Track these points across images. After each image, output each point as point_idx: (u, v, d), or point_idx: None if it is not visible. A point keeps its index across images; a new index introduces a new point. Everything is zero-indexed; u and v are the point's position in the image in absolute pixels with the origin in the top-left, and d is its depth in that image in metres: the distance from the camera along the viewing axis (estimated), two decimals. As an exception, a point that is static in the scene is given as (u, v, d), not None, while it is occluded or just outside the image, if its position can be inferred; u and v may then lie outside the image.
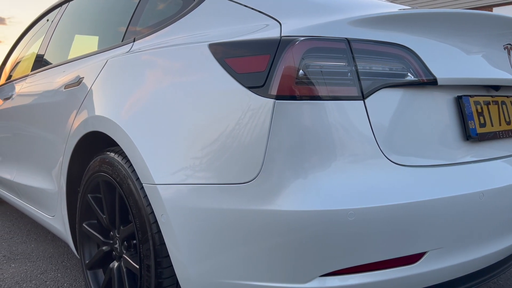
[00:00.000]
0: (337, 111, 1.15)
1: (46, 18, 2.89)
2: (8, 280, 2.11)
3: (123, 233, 1.56)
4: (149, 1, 1.89)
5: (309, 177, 1.13)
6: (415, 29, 1.30)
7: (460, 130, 1.33)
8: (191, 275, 1.27)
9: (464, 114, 1.34)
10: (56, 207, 2.00)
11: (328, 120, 1.14)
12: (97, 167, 1.62)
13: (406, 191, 1.16)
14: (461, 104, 1.34)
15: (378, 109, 1.19)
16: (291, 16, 1.30)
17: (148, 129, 1.39)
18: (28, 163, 2.36)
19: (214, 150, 1.23)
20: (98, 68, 1.78)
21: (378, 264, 1.15)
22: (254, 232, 1.16)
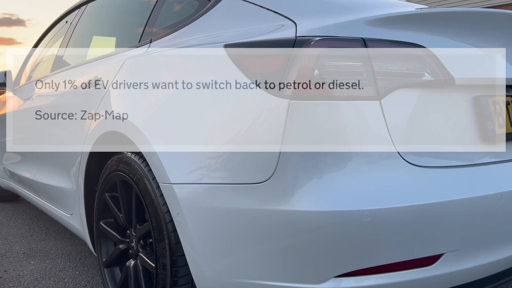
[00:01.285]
0: (352, 111, 1.15)
1: (65, 20, 2.94)
2: (28, 277, 2.16)
3: (140, 232, 1.58)
4: (166, 3, 1.91)
5: (324, 178, 1.13)
6: (432, 28, 1.29)
7: (478, 131, 1.31)
8: (206, 274, 1.28)
9: (483, 115, 1.32)
10: (74, 205, 2.04)
11: (343, 120, 1.14)
12: (114, 167, 1.65)
13: (423, 192, 1.15)
14: (479, 105, 1.32)
15: (394, 109, 1.18)
16: (306, 16, 1.29)
17: (165, 129, 1.40)
18: (47, 162, 2.40)
19: (229, 150, 1.23)
20: (116, 69, 1.80)
21: (394, 265, 1.14)
22: (269, 232, 1.16)
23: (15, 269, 2.26)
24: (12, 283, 2.09)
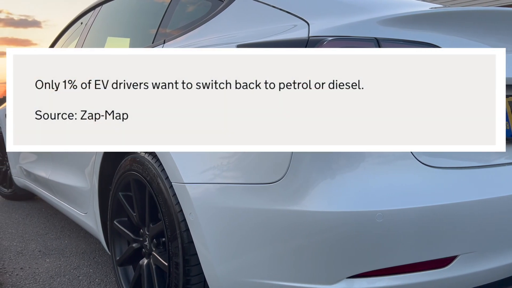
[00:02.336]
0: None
1: (80, 21, 2.98)
2: (43, 274, 2.19)
3: (153, 231, 1.59)
4: (179, 4, 1.92)
5: (337, 178, 1.12)
6: (447, 27, 1.27)
7: (494, 131, 1.29)
8: (218, 273, 1.29)
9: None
10: (89, 204, 2.06)
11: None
12: (128, 166, 1.66)
13: (437, 193, 1.14)
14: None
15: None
16: (319, 16, 1.29)
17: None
18: (62, 162, 2.44)
19: (241, 150, 1.23)
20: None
21: (407, 267, 1.13)
22: (281, 232, 1.16)
23: (31, 266, 2.30)
24: (28, 280, 2.12)
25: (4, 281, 2.11)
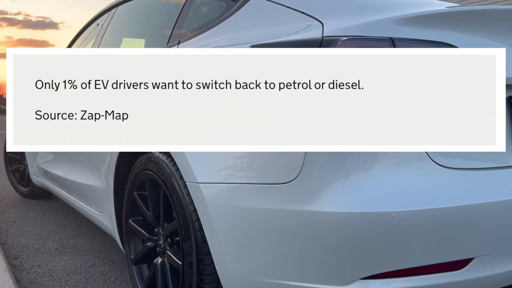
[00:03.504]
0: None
1: (96, 23, 3.02)
2: (60, 272, 2.23)
3: (167, 230, 1.60)
4: (193, 5, 1.94)
5: (351, 178, 1.12)
6: (463, 27, 1.26)
7: (510, 132, 1.27)
8: (231, 272, 1.29)
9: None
10: (104, 203, 2.09)
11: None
12: (143, 166, 1.68)
13: (452, 194, 1.13)
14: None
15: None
16: (333, 16, 1.29)
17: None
18: (79, 161, 2.47)
19: (255, 150, 1.24)
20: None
21: (422, 268, 1.12)
22: (294, 232, 1.16)
23: (48, 264, 2.33)
24: (45, 278, 2.16)
25: (22, 278, 2.15)
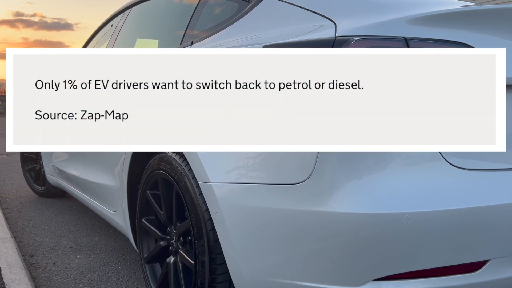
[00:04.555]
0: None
1: (110, 24, 3.05)
2: (74, 270, 2.26)
3: (180, 229, 1.61)
4: (206, 6, 1.94)
5: (363, 179, 1.11)
6: (478, 26, 1.24)
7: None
8: (243, 272, 1.30)
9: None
10: (118, 202, 2.11)
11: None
12: (156, 165, 1.69)
13: (467, 195, 1.11)
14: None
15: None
16: (346, 16, 1.28)
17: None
18: (93, 161, 2.50)
19: (266, 150, 1.24)
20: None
21: (436, 270, 1.11)
22: (306, 232, 1.16)
23: (63, 262, 2.37)
24: (60, 276, 2.19)
25: (37, 275, 2.19)
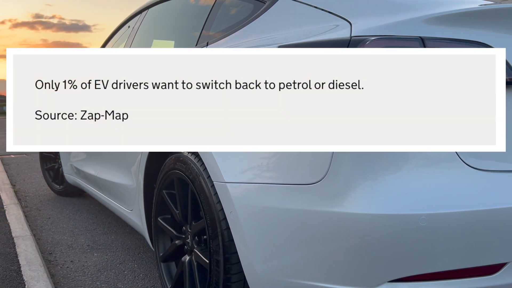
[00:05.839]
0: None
1: (127, 25, 3.09)
2: (92, 268, 2.29)
3: (195, 228, 1.63)
4: (222, 7, 1.96)
5: (379, 180, 1.11)
6: (497, 25, 1.22)
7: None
8: (258, 272, 1.30)
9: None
10: (134, 201, 2.13)
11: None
12: (171, 165, 1.71)
13: (484, 197, 1.10)
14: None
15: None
16: (362, 15, 1.28)
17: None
18: (110, 161, 2.54)
19: (281, 150, 1.24)
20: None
21: (452, 273, 1.10)
22: (320, 233, 1.16)
23: (80, 260, 2.41)
24: (77, 273, 2.23)
25: (56, 272, 2.23)
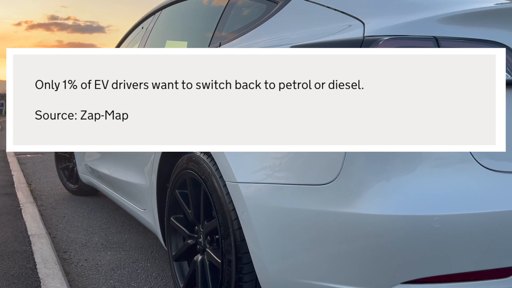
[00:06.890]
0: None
1: (141, 26, 3.12)
2: (105, 266, 2.32)
3: (207, 228, 1.63)
4: (234, 7, 1.96)
5: (392, 180, 1.10)
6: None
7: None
8: (269, 272, 1.30)
9: None
10: (147, 201, 2.15)
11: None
12: (184, 165, 1.72)
13: (499, 198, 1.08)
14: None
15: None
16: (375, 15, 1.27)
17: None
18: (124, 160, 2.56)
19: (293, 150, 1.24)
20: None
21: (465, 275, 1.09)
22: (333, 234, 1.16)
23: (94, 258, 2.43)
24: (91, 271, 2.25)
25: (70, 270, 2.26)
